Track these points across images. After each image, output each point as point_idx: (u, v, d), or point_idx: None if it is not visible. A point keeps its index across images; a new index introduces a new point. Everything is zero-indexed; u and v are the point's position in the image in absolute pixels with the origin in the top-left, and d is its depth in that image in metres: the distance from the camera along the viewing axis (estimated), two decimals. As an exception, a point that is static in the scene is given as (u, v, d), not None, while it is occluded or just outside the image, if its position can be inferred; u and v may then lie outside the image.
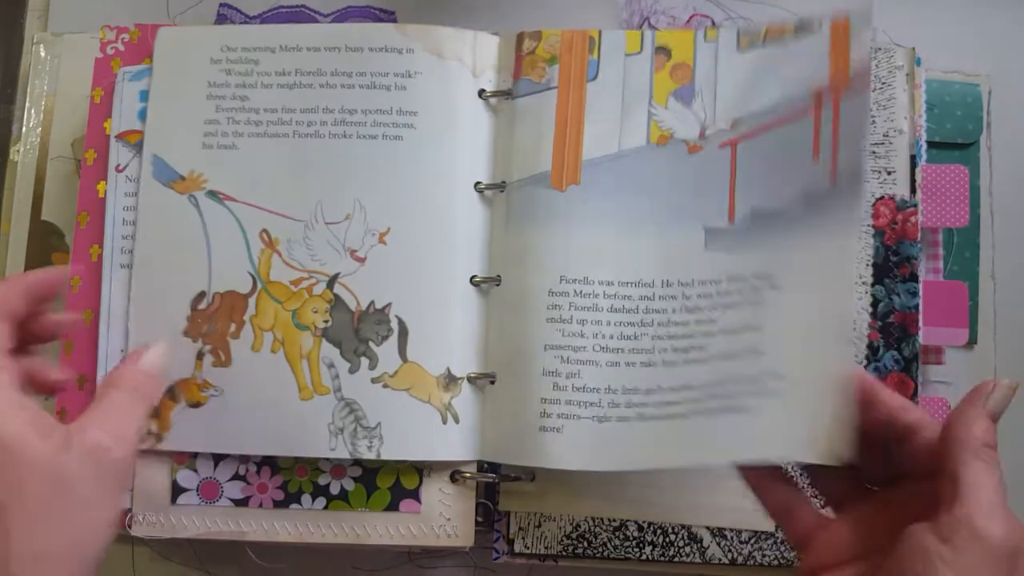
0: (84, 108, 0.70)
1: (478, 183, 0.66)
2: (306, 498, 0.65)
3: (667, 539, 0.65)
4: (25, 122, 0.73)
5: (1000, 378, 0.47)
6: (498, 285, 0.65)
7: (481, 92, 0.67)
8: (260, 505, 0.65)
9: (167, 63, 0.68)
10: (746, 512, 0.64)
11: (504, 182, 0.66)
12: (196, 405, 0.64)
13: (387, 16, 0.72)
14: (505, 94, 0.67)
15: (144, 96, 0.68)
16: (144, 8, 0.74)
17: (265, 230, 0.66)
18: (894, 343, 0.65)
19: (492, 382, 0.64)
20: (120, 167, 0.67)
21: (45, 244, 0.72)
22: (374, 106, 0.66)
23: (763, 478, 0.53)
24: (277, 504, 0.65)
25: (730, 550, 0.65)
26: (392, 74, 0.67)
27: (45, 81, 0.74)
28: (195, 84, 0.67)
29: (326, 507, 0.65)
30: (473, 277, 0.65)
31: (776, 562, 0.64)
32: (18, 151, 0.73)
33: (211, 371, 0.64)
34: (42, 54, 0.74)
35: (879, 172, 0.66)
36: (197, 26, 0.72)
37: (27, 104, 0.74)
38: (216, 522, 0.65)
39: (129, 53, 0.69)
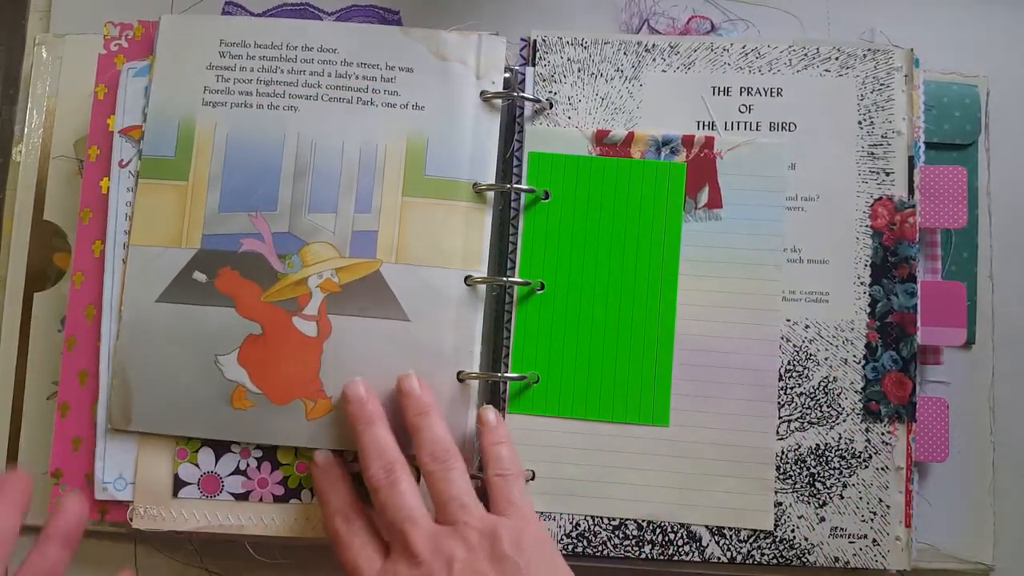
0: (86, 108, 0.70)
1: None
2: (306, 493, 0.65)
3: (666, 538, 0.65)
4: (27, 123, 0.74)
5: None
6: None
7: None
8: (260, 499, 0.65)
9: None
10: (745, 511, 0.64)
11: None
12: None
13: (391, 15, 0.72)
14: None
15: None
16: (147, 10, 0.74)
17: None
18: (892, 343, 0.66)
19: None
20: (123, 162, 0.68)
21: (47, 244, 0.72)
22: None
23: None
24: (277, 499, 0.65)
25: (729, 549, 0.65)
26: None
27: (47, 82, 0.74)
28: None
29: (326, 504, 0.65)
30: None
31: (775, 561, 0.64)
32: (20, 152, 0.73)
33: None
34: (44, 55, 0.74)
35: (877, 173, 0.67)
36: (200, 16, 0.74)
37: (29, 105, 0.74)
38: (216, 516, 0.65)
39: (133, 50, 0.70)
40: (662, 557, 0.65)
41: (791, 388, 0.66)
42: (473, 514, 0.57)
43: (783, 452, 0.65)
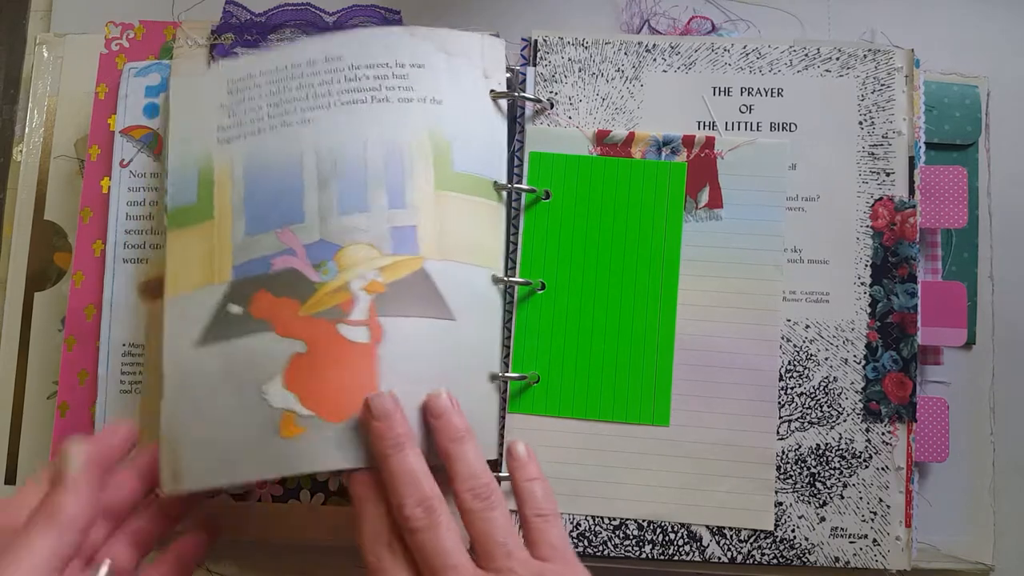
0: (87, 108, 0.70)
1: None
2: (305, 493, 0.65)
3: (667, 538, 0.65)
4: (28, 123, 0.74)
5: None
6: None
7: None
8: (259, 500, 0.65)
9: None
10: (746, 511, 0.64)
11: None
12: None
13: (392, 15, 0.72)
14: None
15: (150, 91, 0.68)
16: (148, 10, 0.75)
17: None
18: (893, 343, 0.66)
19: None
20: (124, 162, 0.68)
21: (48, 244, 0.72)
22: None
23: None
24: (276, 499, 0.65)
25: (729, 549, 0.65)
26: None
27: (48, 82, 0.74)
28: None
29: (325, 503, 0.65)
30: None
31: (775, 561, 0.64)
32: (21, 151, 0.73)
33: None
34: (45, 55, 0.74)
35: (878, 173, 0.67)
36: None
37: (30, 105, 0.74)
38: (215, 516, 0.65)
39: (134, 49, 0.70)
40: (662, 557, 0.65)
41: (791, 388, 0.66)
42: (518, 559, 0.54)
43: (783, 452, 0.65)
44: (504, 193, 0.66)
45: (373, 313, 0.60)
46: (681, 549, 0.65)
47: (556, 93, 0.69)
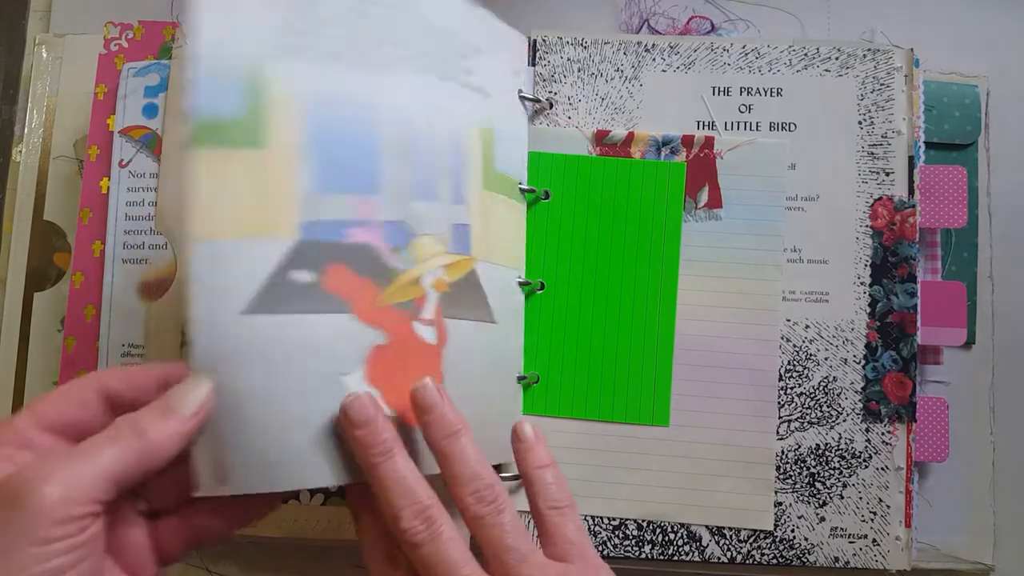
0: (86, 109, 0.70)
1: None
2: (304, 494, 0.65)
3: (666, 538, 0.65)
4: (27, 123, 0.74)
5: None
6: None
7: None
8: (259, 500, 0.65)
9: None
10: (745, 511, 0.64)
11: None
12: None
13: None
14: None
15: (149, 91, 0.68)
16: (147, 10, 0.74)
17: None
18: (892, 343, 0.66)
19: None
20: (124, 162, 0.68)
21: (47, 244, 0.72)
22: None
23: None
24: (276, 500, 0.65)
25: (729, 549, 0.65)
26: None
27: (47, 82, 0.74)
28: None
29: (324, 503, 0.65)
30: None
31: (775, 561, 0.64)
32: (20, 152, 0.73)
33: None
34: (44, 55, 0.74)
35: (877, 173, 0.67)
36: None
37: (29, 105, 0.74)
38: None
39: (133, 50, 0.70)
40: (662, 557, 0.65)
41: (791, 388, 0.66)
42: (535, 563, 0.49)
43: (783, 452, 0.65)
44: (525, 195, 0.66)
45: (439, 313, 0.56)
46: (681, 549, 0.65)
47: (555, 93, 0.69)
